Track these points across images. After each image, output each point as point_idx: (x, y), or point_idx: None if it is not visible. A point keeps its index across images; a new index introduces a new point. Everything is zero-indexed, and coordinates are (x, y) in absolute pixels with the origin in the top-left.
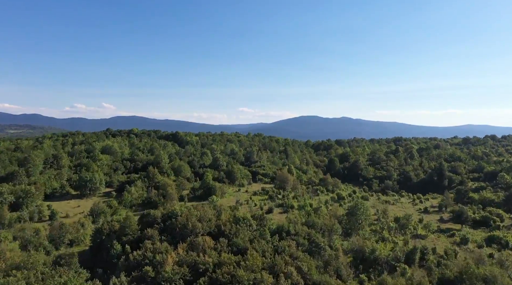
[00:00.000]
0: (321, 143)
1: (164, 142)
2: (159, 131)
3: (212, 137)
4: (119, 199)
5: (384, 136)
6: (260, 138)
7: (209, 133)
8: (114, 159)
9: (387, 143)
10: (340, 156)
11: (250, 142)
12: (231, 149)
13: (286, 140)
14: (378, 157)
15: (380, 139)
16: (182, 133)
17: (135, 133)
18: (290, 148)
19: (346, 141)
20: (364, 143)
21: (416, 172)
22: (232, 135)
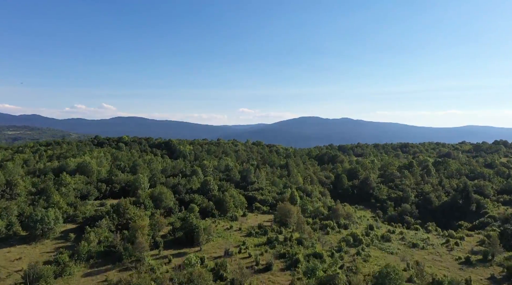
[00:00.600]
0: (325, 153)
1: (151, 158)
2: (151, 139)
3: (208, 146)
4: (74, 248)
5: (385, 136)
6: (259, 148)
7: (205, 141)
8: (88, 180)
9: (393, 150)
10: (348, 172)
11: (248, 155)
12: (226, 165)
13: (287, 150)
14: (391, 174)
15: (385, 145)
16: (175, 141)
17: (125, 142)
18: (292, 161)
19: (349, 147)
20: (370, 150)
21: (437, 193)
22: (229, 143)
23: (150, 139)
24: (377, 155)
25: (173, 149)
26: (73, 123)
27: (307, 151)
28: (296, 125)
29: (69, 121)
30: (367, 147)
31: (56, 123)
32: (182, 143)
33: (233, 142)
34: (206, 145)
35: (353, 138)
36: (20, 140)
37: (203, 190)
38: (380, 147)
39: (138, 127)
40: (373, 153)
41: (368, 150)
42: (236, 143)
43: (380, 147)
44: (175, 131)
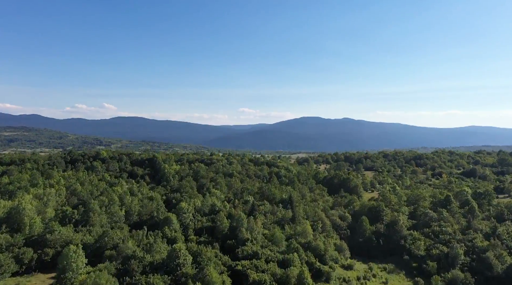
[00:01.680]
0: (334, 176)
1: (122, 190)
2: (134, 154)
3: (197, 166)
4: None
5: (387, 137)
6: (256, 169)
7: (196, 156)
8: (11, 241)
9: (407, 163)
10: (369, 210)
11: (243, 183)
12: (212, 205)
13: (289, 171)
14: (424, 214)
15: (396, 154)
16: (161, 156)
17: (102, 158)
18: (296, 194)
19: (356, 157)
20: (381, 162)
21: (495, 250)
22: (223, 159)
23: (132, 155)
24: (398, 179)
25: (157, 168)
26: (72, 123)
27: (313, 173)
28: (297, 126)
29: (69, 121)
30: (378, 158)
31: (55, 123)
32: (169, 160)
33: (228, 157)
34: (196, 163)
35: (354, 139)
36: (16, 141)
37: (170, 266)
38: (391, 157)
39: (138, 127)
40: (385, 167)
41: (379, 163)
42: (231, 160)
43: (391, 157)
44: (175, 131)
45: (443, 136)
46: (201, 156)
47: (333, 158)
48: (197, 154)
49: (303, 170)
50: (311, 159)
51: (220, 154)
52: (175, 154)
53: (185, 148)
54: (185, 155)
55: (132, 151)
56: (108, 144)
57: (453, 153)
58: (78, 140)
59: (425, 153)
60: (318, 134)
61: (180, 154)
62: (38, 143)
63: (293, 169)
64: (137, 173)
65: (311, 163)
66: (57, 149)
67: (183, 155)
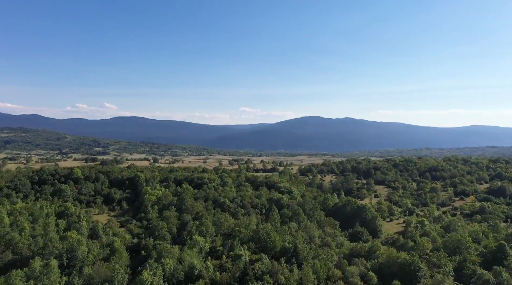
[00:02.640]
0: (345, 204)
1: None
2: (113, 172)
3: (184, 189)
4: None
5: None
6: (253, 195)
7: (184, 174)
8: None
9: (420, 175)
10: (400, 269)
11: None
12: (190, 267)
13: (292, 197)
14: (477, 276)
15: (406, 163)
16: (144, 176)
17: (75, 178)
18: (302, 241)
19: (363, 165)
20: (393, 174)
21: None
22: (216, 178)
23: (112, 173)
24: (416, 198)
25: (139, 189)
26: (73, 123)
27: (321, 200)
28: (298, 125)
29: (69, 121)
30: (389, 170)
31: (55, 124)
32: (152, 180)
33: (222, 175)
34: (184, 185)
35: (356, 139)
36: (13, 143)
37: None
38: (401, 166)
39: (139, 127)
40: (399, 182)
41: (390, 175)
42: (225, 179)
43: (401, 167)
44: (176, 131)
45: (446, 136)
46: (191, 174)
47: (338, 167)
48: (187, 171)
49: (308, 193)
50: (314, 168)
51: (213, 171)
52: (162, 171)
53: (184, 150)
54: (172, 174)
55: (111, 169)
56: (106, 146)
57: (468, 161)
58: (76, 142)
59: (440, 164)
60: (319, 134)
61: (169, 169)
62: (35, 144)
63: (296, 193)
64: (114, 197)
65: (314, 172)
66: (54, 151)
67: (171, 172)
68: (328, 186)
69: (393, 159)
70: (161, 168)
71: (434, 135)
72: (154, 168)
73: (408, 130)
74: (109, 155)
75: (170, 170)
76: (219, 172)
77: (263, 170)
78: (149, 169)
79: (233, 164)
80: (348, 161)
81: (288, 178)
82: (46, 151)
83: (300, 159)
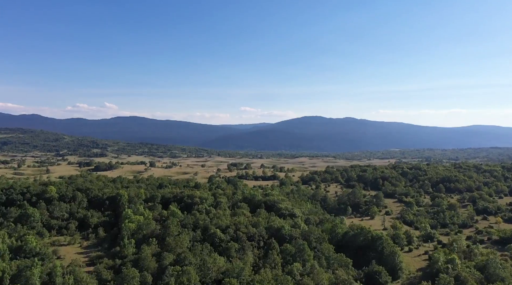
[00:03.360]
0: (359, 233)
1: None
2: (92, 190)
3: (169, 214)
4: None
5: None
6: (248, 223)
7: (174, 190)
8: None
9: (433, 187)
10: None
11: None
12: None
13: (296, 223)
14: None
15: (416, 173)
16: (127, 195)
17: (48, 198)
18: None
19: (371, 176)
20: (402, 186)
21: None
22: (208, 197)
23: (91, 190)
24: (434, 216)
25: (119, 211)
26: (73, 123)
27: (328, 227)
28: (300, 125)
29: (69, 121)
30: (400, 181)
31: (55, 124)
32: (136, 200)
33: (215, 192)
34: (172, 207)
35: (357, 139)
36: (10, 144)
37: None
38: (411, 175)
39: (139, 127)
40: (411, 194)
41: (401, 187)
42: (220, 198)
43: (411, 176)
44: (176, 131)
45: (447, 136)
46: (181, 191)
47: (343, 175)
48: (177, 186)
49: (313, 216)
50: (317, 176)
51: (207, 186)
52: (150, 186)
53: (184, 151)
54: (160, 191)
55: (91, 186)
56: (105, 147)
57: (480, 168)
58: (74, 143)
59: (453, 174)
60: (320, 134)
61: (158, 183)
62: (32, 146)
63: (299, 217)
64: (90, 222)
65: (317, 181)
66: (51, 152)
67: (159, 188)
68: (334, 199)
69: (401, 166)
70: (150, 182)
71: (436, 135)
72: (141, 183)
73: (409, 130)
74: (107, 157)
75: (159, 185)
76: (213, 187)
77: (263, 178)
78: (135, 186)
79: (232, 170)
80: (353, 168)
81: (289, 190)
82: (43, 153)
83: (301, 161)
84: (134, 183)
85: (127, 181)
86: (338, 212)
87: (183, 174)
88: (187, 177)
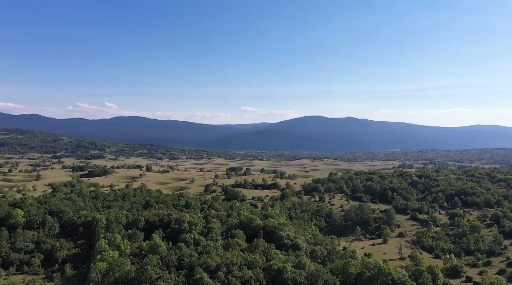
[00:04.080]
0: (374, 276)
1: None
2: (67, 213)
3: (151, 246)
4: None
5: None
6: (243, 264)
7: (160, 213)
8: None
9: (448, 201)
10: None
11: None
12: None
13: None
14: None
15: (427, 183)
16: (104, 220)
17: (13, 224)
18: None
19: (378, 187)
20: (414, 201)
21: None
22: (199, 222)
23: (65, 214)
24: (454, 238)
25: (94, 241)
26: (73, 123)
27: (339, 267)
28: (300, 125)
29: (69, 121)
30: (411, 193)
31: (55, 124)
32: (116, 225)
33: (208, 215)
34: (156, 236)
35: (358, 139)
36: (7, 145)
37: None
38: (421, 185)
39: (139, 127)
40: (424, 209)
41: (413, 201)
42: (212, 224)
43: (421, 186)
44: (176, 131)
45: (449, 136)
46: (168, 214)
47: (348, 184)
48: (164, 207)
49: (320, 247)
50: (321, 185)
51: (199, 205)
52: (134, 205)
53: (183, 152)
54: (144, 213)
55: (65, 208)
56: (103, 148)
57: (495, 177)
58: (72, 144)
59: (468, 186)
60: (321, 134)
61: (144, 202)
62: (29, 147)
63: (305, 256)
64: (57, 256)
65: (321, 191)
66: (48, 154)
67: (145, 209)
68: (339, 215)
69: (408, 173)
70: (135, 200)
71: (437, 135)
72: (127, 199)
73: (410, 129)
74: (104, 159)
75: (145, 203)
76: (206, 207)
77: (263, 187)
78: (118, 205)
79: (230, 176)
80: (358, 175)
81: (291, 205)
82: (40, 154)
83: (302, 163)
84: (119, 200)
85: (112, 196)
86: (345, 230)
87: (179, 181)
88: (183, 184)
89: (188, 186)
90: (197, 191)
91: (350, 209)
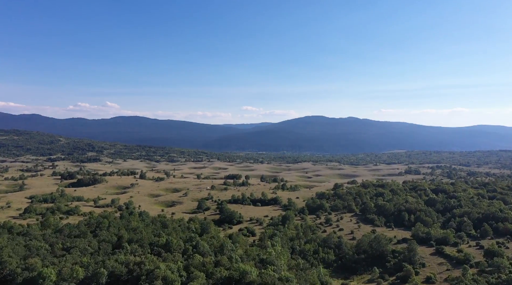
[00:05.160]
0: None
1: None
2: (8, 265)
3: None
4: None
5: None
6: None
7: (129, 259)
8: None
9: (475, 227)
10: None
11: None
12: None
13: None
14: None
15: (447, 205)
16: (54, 273)
17: None
18: None
19: (393, 208)
20: (437, 228)
21: None
22: (175, 266)
23: (6, 265)
24: None
25: None
26: (73, 123)
27: None
28: (301, 125)
29: (69, 121)
30: (431, 216)
31: (55, 124)
32: (69, 281)
33: (189, 265)
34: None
35: (360, 140)
36: (3, 147)
37: None
38: (439, 205)
39: (139, 127)
40: (451, 241)
41: (435, 229)
42: (193, 282)
43: (440, 205)
44: (177, 131)
45: (451, 136)
46: (139, 263)
47: (357, 202)
48: (139, 249)
49: None
50: (326, 202)
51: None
52: (103, 245)
53: (182, 154)
54: (110, 262)
55: (7, 259)
56: (101, 150)
57: None
58: (69, 145)
59: (496, 208)
60: (322, 134)
61: (116, 238)
62: (25, 149)
63: None
64: None
65: (327, 210)
66: (43, 156)
67: (114, 250)
68: (350, 245)
69: (422, 186)
70: (105, 237)
71: (440, 136)
72: (99, 232)
73: (412, 130)
74: (100, 162)
75: (117, 241)
76: (190, 249)
77: (262, 203)
78: (76, 254)
79: (228, 186)
80: (366, 188)
81: (294, 234)
82: (35, 157)
83: (304, 167)
84: (86, 235)
85: (83, 227)
86: (358, 266)
87: (172, 193)
88: (176, 198)
89: (180, 201)
90: (189, 207)
91: (363, 239)
